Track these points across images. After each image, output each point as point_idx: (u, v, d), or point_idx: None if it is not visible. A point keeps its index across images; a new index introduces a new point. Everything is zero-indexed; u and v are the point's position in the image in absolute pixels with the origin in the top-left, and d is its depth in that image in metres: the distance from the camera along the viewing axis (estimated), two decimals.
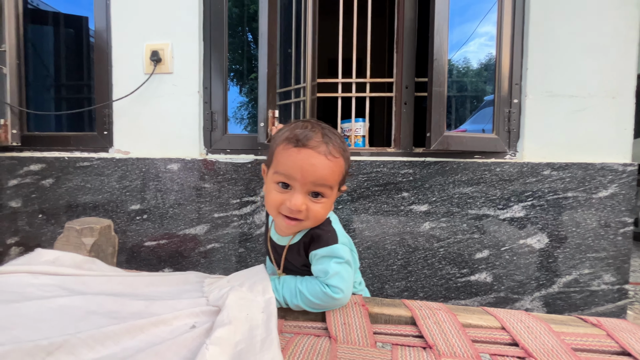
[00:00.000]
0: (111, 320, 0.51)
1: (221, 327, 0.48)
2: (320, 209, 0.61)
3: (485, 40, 1.50)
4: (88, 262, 0.68)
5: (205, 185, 1.43)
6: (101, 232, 0.74)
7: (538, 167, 1.29)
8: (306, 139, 0.59)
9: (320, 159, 0.59)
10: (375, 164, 1.35)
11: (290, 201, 0.58)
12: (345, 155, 0.63)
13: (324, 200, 0.61)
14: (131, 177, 1.46)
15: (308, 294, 0.60)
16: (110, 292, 0.59)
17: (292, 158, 0.59)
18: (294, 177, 0.58)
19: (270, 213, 0.64)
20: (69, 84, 1.70)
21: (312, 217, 0.61)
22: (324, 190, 0.60)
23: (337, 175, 0.62)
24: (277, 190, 0.61)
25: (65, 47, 1.69)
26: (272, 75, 1.09)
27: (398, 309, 0.63)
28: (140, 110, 1.47)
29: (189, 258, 1.45)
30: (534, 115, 1.31)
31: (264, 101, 1.08)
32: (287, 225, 0.61)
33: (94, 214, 1.48)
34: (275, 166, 0.62)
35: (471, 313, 0.63)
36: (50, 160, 1.49)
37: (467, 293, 1.34)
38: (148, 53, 1.42)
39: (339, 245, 0.62)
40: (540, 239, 1.30)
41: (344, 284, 0.59)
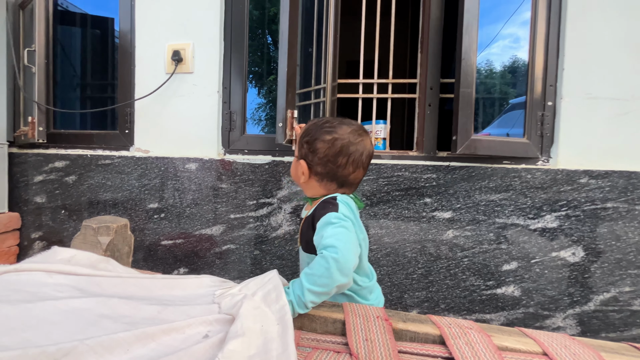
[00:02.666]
0: (122, 325, 0.49)
1: (234, 339, 0.45)
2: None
3: (510, 42, 1.42)
4: (103, 262, 0.66)
5: (222, 186, 1.42)
6: (117, 231, 0.73)
7: (574, 174, 1.20)
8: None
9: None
10: (397, 167, 1.30)
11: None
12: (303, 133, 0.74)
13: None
14: (150, 175, 1.47)
15: (310, 271, 0.60)
16: (123, 295, 0.58)
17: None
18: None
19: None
20: (94, 84, 1.74)
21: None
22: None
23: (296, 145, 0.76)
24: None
25: (91, 47, 1.74)
26: (291, 75, 1.06)
27: (425, 325, 0.58)
28: (160, 110, 1.48)
29: (204, 258, 1.44)
30: (570, 119, 1.22)
31: (283, 101, 1.05)
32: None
33: (114, 212, 1.50)
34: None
35: (507, 334, 0.57)
36: (74, 157, 1.53)
37: (492, 307, 1.26)
38: (170, 53, 1.43)
39: (336, 212, 0.65)
40: (575, 252, 1.21)
41: (338, 242, 0.59)
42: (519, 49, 1.33)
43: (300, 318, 0.61)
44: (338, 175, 0.72)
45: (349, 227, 0.63)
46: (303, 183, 0.77)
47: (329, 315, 0.60)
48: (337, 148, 0.71)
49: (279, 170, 1.37)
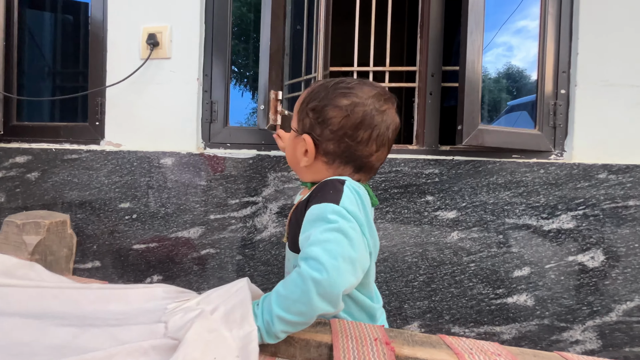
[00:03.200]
0: (13, 359, 0.34)
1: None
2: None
3: (503, 50, 1.30)
4: (24, 268, 0.52)
5: (202, 183, 1.27)
6: (51, 229, 0.58)
7: (591, 169, 1.08)
8: None
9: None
10: (395, 162, 1.17)
11: None
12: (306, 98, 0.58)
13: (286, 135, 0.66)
14: (121, 172, 1.32)
15: (283, 291, 0.42)
16: (33, 313, 0.43)
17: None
18: None
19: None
20: (64, 72, 1.60)
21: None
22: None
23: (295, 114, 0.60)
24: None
25: (62, 34, 1.60)
26: (276, 49, 0.93)
27: (437, 351, 0.44)
28: (134, 99, 1.34)
29: (180, 264, 1.29)
30: (585, 108, 1.11)
31: (265, 79, 0.92)
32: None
33: (80, 212, 1.34)
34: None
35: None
36: (37, 152, 1.37)
37: (502, 318, 1.12)
38: (145, 36, 1.30)
39: (335, 205, 0.46)
40: (595, 256, 1.08)
41: (326, 255, 0.40)
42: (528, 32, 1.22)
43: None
44: (356, 156, 0.54)
45: (349, 232, 0.44)
46: (305, 167, 0.57)
47: (312, 338, 0.46)
48: (357, 117, 0.52)
49: (264, 165, 1.24)
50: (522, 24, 1.24)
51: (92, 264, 1.34)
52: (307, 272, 0.40)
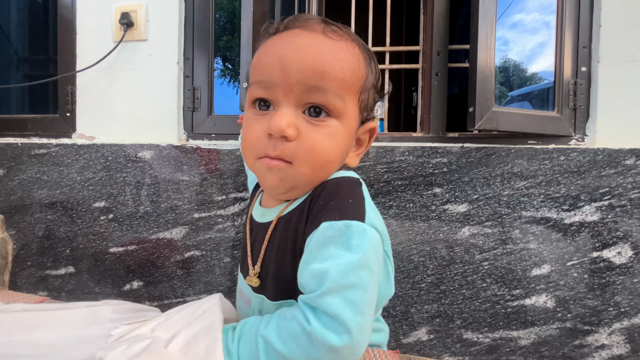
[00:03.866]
0: None
1: None
2: (322, 140, 0.34)
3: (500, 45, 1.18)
4: None
5: (184, 178, 1.15)
6: None
7: (618, 154, 0.97)
8: (291, 21, 0.35)
9: (313, 37, 0.34)
10: (398, 151, 1.05)
11: (269, 121, 0.34)
12: (360, 47, 0.37)
13: (331, 124, 0.35)
14: (95, 167, 1.19)
15: (278, 343, 0.29)
16: None
17: (268, 49, 0.36)
18: (271, 78, 0.34)
19: (248, 162, 0.39)
20: (33, 59, 1.46)
21: (305, 153, 0.34)
22: (326, 99, 0.34)
23: (348, 71, 0.34)
24: (254, 116, 0.37)
25: (29, 18, 1.46)
26: (259, 18, 0.81)
27: None
28: (108, 86, 1.21)
29: (162, 268, 1.17)
30: (609, 87, 1.00)
31: (248, 53, 0.80)
32: (268, 167, 0.35)
33: (51, 212, 1.21)
34: (250, 79, 0.38)
35: None
36: (1, 147, 1.24)
37: (520, 322, 1.01)
38: (117, 16, 1.16)
39: (361, 224, 0.32)
40: (622, 252, 0.97)
41: (351, 313, 0.28)
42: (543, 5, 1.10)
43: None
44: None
45: (376, 267, 0.32)
46: (337, 162, 0.39)
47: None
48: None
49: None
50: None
51: (65, 270, 1.21)
52: (320, 334, 0.28)
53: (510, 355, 1.02)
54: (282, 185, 0.36)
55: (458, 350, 1.04)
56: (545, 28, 1.09)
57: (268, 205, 0.42)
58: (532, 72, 1.22)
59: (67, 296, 1.20)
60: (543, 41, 1.10)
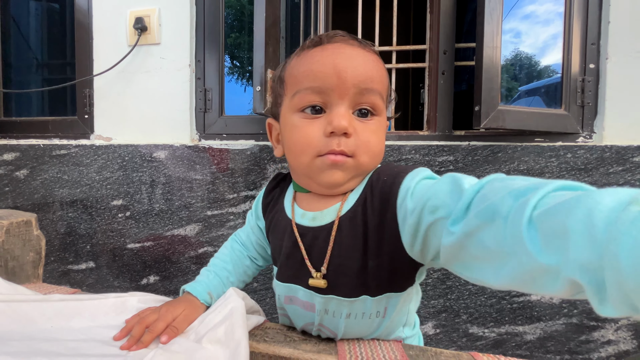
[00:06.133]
0: None
1: None
2: (373, 135, 0.40)
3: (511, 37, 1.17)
4: None
5: (197, 177, 1.19)
6: (11, 230, 0.51)
7: (626, 151, 0.97)
8: (328, 37, 0.40)
9: (356, 50, 0.40)
10: (405, 149, 1.07)
11: (331, 121, 0.38)
12: (382, 61, 0.43)
13: (376, 121, 0.41)
14: (112, 167, 1.24)
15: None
16: None
17: (317, 58, 0.39)
18: (326, 84, 0.38)
19: (302, 161, 0.41)
20: (52, 64, 1.52)
21: (364, 146, 0.39)
22: (374, 100, 0.40)
23: (384, 78, 0.42)
24: (306, 119, 0.40)
25: (49, 24, 1.51)
26: (272, 23, 0.84)
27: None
28: (123, 89, 1.25)
29: (177, 264, 1.21)
30: (618, 84, 0.99)
31: (261, 57, 0.82)
32: (332, 162, 0.38)
33: (71, 210, 1.27)
34: (293, 87, 0.41)
35: None
36: (24, 148, 1.30)
37: (525, 317, 1.03)
38: (132, 21, 1.21)
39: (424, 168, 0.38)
40: None
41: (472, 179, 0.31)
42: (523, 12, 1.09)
43: None
44: None
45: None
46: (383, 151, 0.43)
47: (315, 359, 0.37)
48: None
49: (263, 156, 1.15)
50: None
51: (86, 265, 1.28)
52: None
53: (516, 349, 1.03)
54: (344, 177, 0.40)
55: (464, 344, 1.06)
56: (558, 19, 1.07)
57: (315, 209, 0.43)
58: (544, 65, 1.21)
59: (88, 290, 1.26)
60: (556, 33, 1.08)
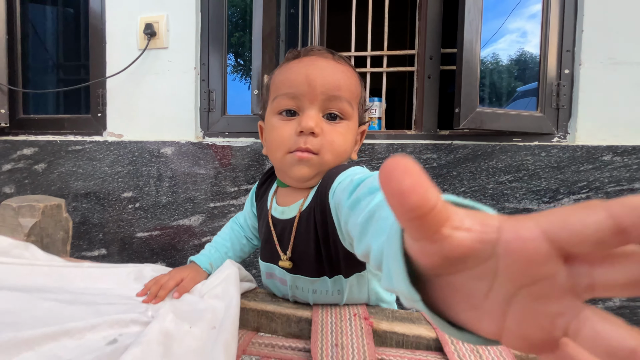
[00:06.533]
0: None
1: (136, 347, 0.31)
2: (339, 135, 0.45)
3: (517, 36, 1.23)
4: (18, 248, 0.54)
5: (201, 172, 1.29)
6: (46, 212, 0.60)
7: (596, 151, 1.05)
8: (306, 50, 0.48)
9: (328, 62, 0.46)
10: (392, 147, 1.16)
11: (300, 122, 0.44)
12: (355, 71, 0.50)
13: (344, 125, 0.46)
14: (123, 161, 1.34)
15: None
16: (22, 287, 0.45)
17: (293, 69, 0.46)
18: (299, 90, 0.45)
19: (276, 157, 0.47)
20: (67, 65, 1.62)
21: (328, 145, 0.44)
22: (341, 106, 0.46)
23: (354, 87, 0.47)
24: (282, 121, 0.47)
25: (64, 27, 1.62)
26: (268, 33, 0.93)
27: (416, 326, 0.44)
28: (134, 90, 1.35)
29: (183, 251, 1.32)
30: (590, 88, 1.07)
31: (259, 64, 0.92)
32: (299, 158, 0.44)
33: (85, 201, 1.38)
34: (273, 93, 0.48)
35: None
36: (43, 143, 1.41)
37: None
38: (142, 26, 1.30)
39: (359, 166, 0.44)
40: None
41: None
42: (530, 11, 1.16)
43: (257, 317, 0.48)
44: None
45: None
46: (349, 152, 0.50)
47: (293, 313, 0.46)
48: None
49: (261, 153, 1.24)
50: (524, 3, 1.19)
51: (98, 252, 1.38)
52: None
53: None
54: (310, 172, 0.45)
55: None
56: (531, 34, 1.15)
57: (285, 204, 0.50)
58: (522, 73, 1.29)
59: None
60: (531, 48, 1.17)
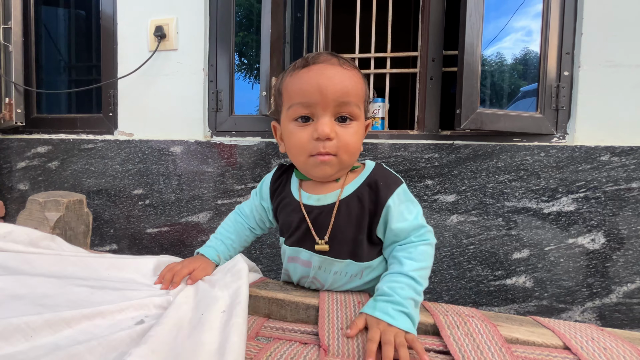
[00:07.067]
0: (38, 307, 0.40)
1: (159, 325, 0.35)
2: (351, 137, 0.51)
3: (522, 35, 1.25)
4: (46, 239, 0.58)
5: (209, 170, 1.33)
6: (69, 206, 0.64)
7: (594, 151, 1.07)
8: (314, 58, 0.51)
9: (335, 69, 0.50)
10: (395, 147, 1.19)
11: (316, 129, 0.49)
12: (360, 72, 0.55)
13: (354, 125, 0.52)
14: (134, 160, 1.39)
15: (417, 264, 0.50)
16: (54, 274, 0.49)
17: (305, 79, 0.50)
18: (312, 99, 0.50)
19: (299, 160, 0.54)
20: (79, 66, 1.67)
21: (344, 147, 0.51)
22: (350, 109, 0.51)
23: (360, 90, 0.53)
24: (299, 127, 0.52)
25: (76, 28, 1.66)
26: (276, 37, 0.96)
27: None
28: (144, 90, 1.39)
29: (191, 247, 1.36)
30: (589, 90, 1.09)
31: (267, 67, 0.95)
32: (321, 161, 0.51)
33: (97, 198, 1.42)
34: (288, 101, 0.53)
35: (517, 324, 0.47)
36: (56, 142, 1.46)
37: (501, 299, 1.15)
38: (152, 29, 1.34)
39: (403, 184, 0.58)
40: (595, 239, 1.08)
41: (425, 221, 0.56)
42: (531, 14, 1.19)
43: (268, 304, 0.51)
44: None
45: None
46: (360, 149, 0.56)
47: (301, 300, 0.50)
48: None
49: (268, 152, 1.28)
50: (525, 7, 1.21)
51: (109, 247, 1.43)
52: (432, 239, 0.53)
53: None
54: (332, 171, 0.52)
55: None
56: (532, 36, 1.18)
57: (319, 193, 0.56)
58: (523, 74, 1.31)
59: None
60: (531, 50, 1.19)
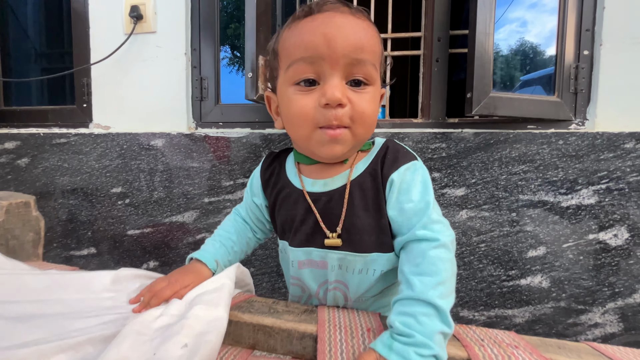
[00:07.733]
0: None
1: None
2: (368, 104, 0.40)
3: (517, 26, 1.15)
4: None
5: (194, 165, 1.21)
6: (11, 210, 0.53)
7: (617, 138, 0.97)
8: (319, 5, 0.40)
9: (346, 18, 0.39)
10: (398, 137, 1.08)
11: (324, 93, 0.38)
12: (375, 27, 0.42)
13: (370, 90, 0.41)
14: (111, 155, 1.26)
15: (432, 279, 0.36)
16: None
17: (308, 29, 0.39)
18: (317, 53, 0.38)
19: (301, 134, 0.42)
20: (51, 53, 1.53)
21: (359, 117, 0.40)
22: (366, 70, 0.40)
23: (376, 46, 0.41)
24: (301, 92, 0.40)
25: (46, 13, 1.52)
26: (263, 10, 0.84)
27: None
28: (121, 78, 1.26)
29: (176, 249, 1.25)
30: (612, 71, 0.99)
31: (252, 44, 0.83)
32: (330, 138, 0.40)
33: (72, 198, 1.30)
34: (286, 59, 0.41)
35: (575, 356, 0.36)
36: (25, 137, 1.32)
37: (515, 301, 1.05)
38: (127, 9, 1.21)
39: (418, 161, 0.44)
40: (618, 234, 0.99)
41: (441, 216, 0.43)
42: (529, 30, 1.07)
43: (253, 332, 0.41)
44: None
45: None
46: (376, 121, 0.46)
47: (295, 328, 0.39)
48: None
49: (258, 144, 1.16)
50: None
51: (87, 251, 1.31)
52: (447, 239, 0.39)
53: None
54: (343, 150, 0.41)
55: None
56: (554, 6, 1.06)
57: (325, 177, 0.45)
58: (548, 55, 1.19)
59: None
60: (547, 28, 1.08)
